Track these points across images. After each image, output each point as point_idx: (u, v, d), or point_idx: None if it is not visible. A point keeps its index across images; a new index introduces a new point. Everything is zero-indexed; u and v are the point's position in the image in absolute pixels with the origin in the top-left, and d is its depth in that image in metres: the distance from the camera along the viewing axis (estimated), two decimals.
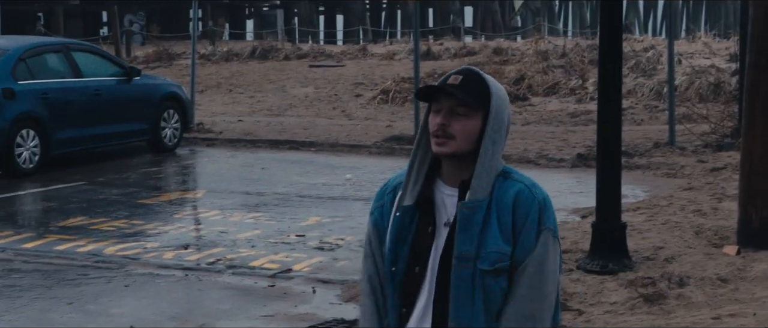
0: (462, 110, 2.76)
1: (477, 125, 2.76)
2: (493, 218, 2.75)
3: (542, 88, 18.43)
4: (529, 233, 2.73)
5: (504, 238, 2.74)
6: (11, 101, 12.26)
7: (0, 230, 9.89)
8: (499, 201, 2.75)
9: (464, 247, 2.75)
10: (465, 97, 2.74)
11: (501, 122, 2.78)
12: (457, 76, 2.80)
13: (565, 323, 6.99)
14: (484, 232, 2.74)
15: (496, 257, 2.74)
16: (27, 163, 12.40)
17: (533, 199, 2.76)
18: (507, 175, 2.80)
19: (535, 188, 2.80)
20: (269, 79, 21.00)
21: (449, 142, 2.75)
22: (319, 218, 10.43)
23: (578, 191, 11.64)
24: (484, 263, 2.74)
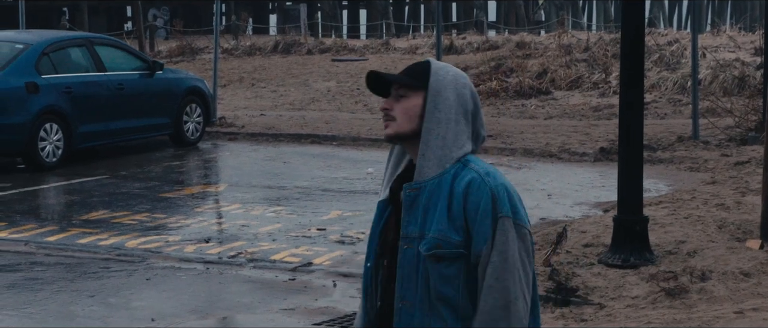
0: (402, 92, 2.77)
1: (418, 104, 2.75)
2: (443, 203, 2.70)
3: (565, 82, 18.35)
4: (483, 222, 2.68)
5: (452, 226, 2.69)
6: (35, 95, 12.33)
7: (23, 223, 9.95)
8: (452, 189, 2.71)
9: (408, 228, 2.73)
10: (398, 77, 2.77)
11: (442, 99, 2.74)
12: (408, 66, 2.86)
13: (585, 318, 6.96)
14: (429, 215, 2.71)
15: (434, 243, 2.70)
16: (50, 157, 12.47)
17: (484, 186, 2.70)
18: (467, 163, 2.76)
19: (488, 176, 2.73)
20: (292, 73, 21.02)
21: (391, 124, 2.77)
22: (340, 211, 10.43)
23: (600, 185, 11.59)
24: (423, 246, 2.71)
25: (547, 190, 11.37)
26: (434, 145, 2.72)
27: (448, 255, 2.70)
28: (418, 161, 2.72)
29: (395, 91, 2.79)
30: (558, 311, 7.12)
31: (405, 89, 2.77)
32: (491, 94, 18.03)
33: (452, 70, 2.80)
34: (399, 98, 2.77)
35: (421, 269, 2.72)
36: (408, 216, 2.72)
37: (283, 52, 23.56)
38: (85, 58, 13.18)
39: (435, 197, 2.71)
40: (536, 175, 12.29)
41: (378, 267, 2.82)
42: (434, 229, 2.70)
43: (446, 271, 2.70)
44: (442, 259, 2.70)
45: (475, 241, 2.69)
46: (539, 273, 7.58)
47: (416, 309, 2.73)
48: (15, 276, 8.22)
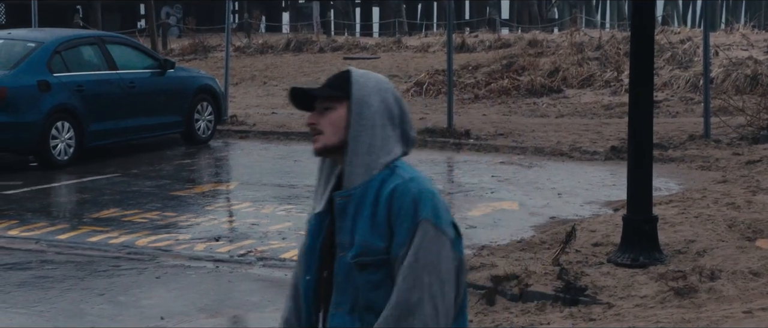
0: (326, 104, 2.77)
1: (343, 115, 2.75)
2: (368, 210, 2.71)
3: (577, 81, 18.31)
4: (402, 225, 2.68)
5: (376, 232, 2.70)
6: (47, 93, 12.37)
7: (34, 221, 10.00)
8: (378, 196, 2.71)
9: (341, 236, 2.74)
10: (321, 90, 2.77)
11: (366, 106, 2.73)
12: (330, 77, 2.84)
13: (594, 317, 6.95)
14: (356, 222, 2.72)
15: (358, 250, 2.70)
16: (62, 155, 12.51)
17: (408, 192, 2.70)
18: (395, 169, 2.75)
19: (412, 182, 2.72)
20: (304, 71, 21.04)
21: (319, 138, 2.77)
22: None
23: (611, 184, 11.57)
24: (349, 254, 2.72)
25: (557, 188, 11.36)
26: (361, 152, 2.72)
27: (373, 262, 2.70)
28: (346, 170, 2.73)
29: (320, 104, 2.78)
30: (566, 311, 7.11)
31: (329, 101, 2.76)
32: (503, 92, 18.01)
33: (373, 77, 2.80)
34: (324, 111, 2.77)
35: (351, 277, 2.73)
36: (340, 224, 2.74)
37: (295, 51, 23.58)
38: (97, 57, 13.22)
39: (362, 204, 2.71)
40: (547, 173, 12.27)
41: (319, 280, 2.80)
42: (359, 236, 2.71)
43: (373, 277, 2.71)
44: (367, 266, 2.71)
45: (394, 244, 2.69)
46: (548, 272, 7.58)
47: (346, 315, 2.74)
48: (25, 274, 8.26)
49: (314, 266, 2.82)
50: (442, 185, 12.02)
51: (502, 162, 13.02)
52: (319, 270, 2.81)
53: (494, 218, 10.08)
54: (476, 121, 15.59)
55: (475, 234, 9.45)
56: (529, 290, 7.41)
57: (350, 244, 2.72)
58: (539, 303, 7.27)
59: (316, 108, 2.80)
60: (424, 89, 18.51)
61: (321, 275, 2.80)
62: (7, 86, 12.04)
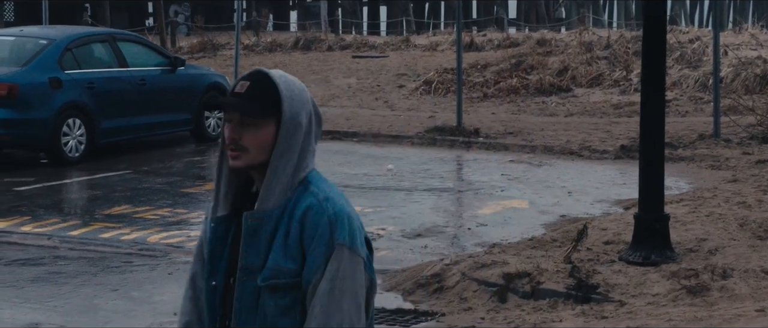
0: (250, 120, 2.58)
1: (270, 133, 2.58)
2: (281, 231, 2.58)
3: (586, 80, 18.30)
4: (316, 249, 2.54)
5: (287, 254, 2.57)
6: (58, 90, 12.42)
7: (46, 217, 10.04)
8: (291, 215, 2.58)
9: (249, 260, 2.59)
10: (250, 108, 2.55)
11: (297, 126, 2.59)
12: (244, 83, 2.60)
13: (606, 314, 6.97)
14: (270, 245, 2.58)
15: (270, 273, 2.57)
16: (73, 152, 12.56)
17: (322, 213, 2.57)
18: (308, 185, 2.62)
19: (327, 202, 2.60)
20: (312, 69, 21.06)
21: (243, 155, 2.58)
22: (361, 207, 10.45)
23: (621, 183, 11.57)
24: (259, 278, 2.58)
25: (567, 187, 11.37)
26: (283, 174, 2.58)
27: (283, 285, 2.58)
28: (263, 191, 2.57)
29: (241, 118, 2.58)
30: (578, 308, 7.13)
31: (254, 119, 2.58)
32: (511, 91, 18.01)
33: (296, 86, 2.62)
34: (247, 127, 2.58)
35: (260, 302, 2.59)
36: (248, 247, 2.59)
37: (303, 49, 23.61)
38: (108, 54, 13.26)
39: (276, 225, 2.58)
40: (557, 172, 12.28)
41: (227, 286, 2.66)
42: (272, 259, 2.58)
43: (282, 302, 2.58)
44: (278, 289, 2.58)
45: (307, 268, 2.56)
46: (560, 270, 7.59)
47: None
48: (39, 270, 8.30)
49: (222, 272, 2.66)
50: (452, 183, 12.05)
51: (511, 160, 13.03)
52: (226, 276, 2.66)
53: (504, 216, 10.10)
54: (485, 120, 15.61)
55: (486, 232, 9.48)
56: (540, 287, 7.44)
57: (260, 267, 2.58)
58: (551, 301, 7.29)
59: (234, 119, 2.59)
60: (433, 88, 18.52)
61: (228, 281, 2.66)
62: (19, 83, 12.09)
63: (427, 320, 7.37)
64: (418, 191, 11.29)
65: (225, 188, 2.68)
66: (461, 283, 7.79)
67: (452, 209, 10.67)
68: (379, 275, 8.31)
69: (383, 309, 7.60)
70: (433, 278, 7.99)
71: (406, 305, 7.71)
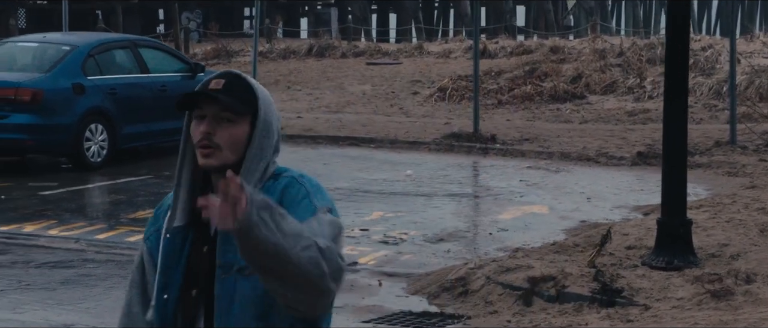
0: (227, 116, 2.55)
1: (244, 132, 2.56)
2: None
3: (600, 87, 18.40)
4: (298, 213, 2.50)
5: None
6: (81, 96, 12.55)
7: (72, 221, 10.16)
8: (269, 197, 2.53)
9: (226, 256, 2.55)
10: (230, 101, 2.54)
11: (269, 126, 2.60)
12: (219, 81, 2.60)
13: (631, 318, 7.07)
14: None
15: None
16: (95, 156, 12.69)
17: (301, 186, 2.59)
18: (277, 176, 2.62)
19: (303, 178, 2.63)
20: (327, 76, 21.19)
21: (216, 152, 2.55)
22: (382, 212, 10.57)
23: (639, 189, 11.68)
24: (235, 267, 2.54)
25: (585, 193, 11.47)
26: (255, 174, 2.57)
27: None
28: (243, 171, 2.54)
29: (218, 112, 2.56)
30: (604, 312, 7.23)
31: (231, 113, 2.56)
32: (526, 98, 18.12)
33: (266, 91, 2.64)
34: (222, 122, 2.55)
35: (238, 295, 2.54)
36: (225, 244, 2.54)
37: (317, 56, 23.74)
38: (129, 60, 13.40)
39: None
40: (574, 178, 12.39)
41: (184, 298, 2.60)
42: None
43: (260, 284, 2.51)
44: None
45: None
46: (584, 274, 7.70)
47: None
48: (68, 272, 8.42)
49: (176, 284, 2.60)
50: (470, 188, 12.16)
51: (529, 167, 13.13)
52: (183, 288, 2.60)
53: (525, 221, 10.20)
54: (501, 127, 15.71)
55: (508, 237, 9.59)
56: (565, 291, 7.54)
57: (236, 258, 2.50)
58: (576, 304, 7.39)
59: (205, 110, 2.56)
60: (448, 95, 18.63)
61: (187, 293, 2.60)
62: (43, 89, 12.23)
63: (453, 323, 7.48)
64: (438, 197, 11.40)
65: (185, 195, 2.63)
66: (486, 286, 7.90)
67: (473, 214, 10.78)
68: (403, 278, 8.47)
69: (410, 312, 7.71)
70: (457, 282, 8.09)
71: (432, 308, 7.82)
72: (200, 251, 2.60)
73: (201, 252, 2.60)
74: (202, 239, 2.60)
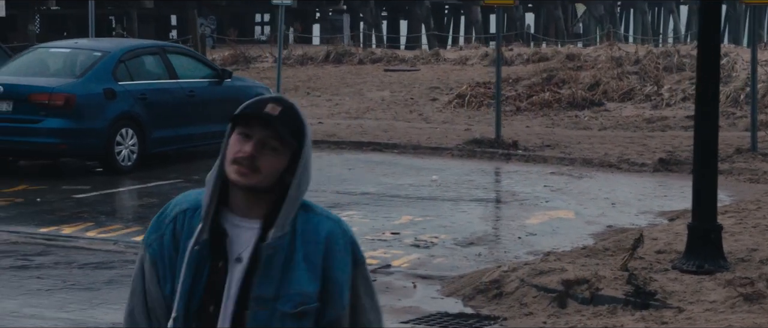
0: (275, 144, 2.58)
1: (284, 162, 2.58)
2: (299, 255, 2.59)
3: (617, 94, 18.59)
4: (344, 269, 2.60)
5: (311, 277, 2.59)
6: (112, 101, 12.76)
7: (109, 223, 10.37)
8: (306, 237, 2.61)
9: (263, 289, 2.57)
10: (284, 131, 2.57)
11: (309, 160, 2.64)
12: (276, 107, 2.60)
13: (666, 320, 7.24)
14: (288, 272, 2.58)
15: (300, 299, 2.58)
16: (126, 160, 12.89)
17: (344, 235, 2.64)
18: (307, 208, 2.65)
19: (342, 223, 2.67)
20: (346, 82, 21.40)
21: (253, 175, 2.56)
22: (411, 217, 10.76)
23: (662, 195, 11.85)
24: (286, 305, 2.58)
25: (610, 199, 11.65)
26: (297, 204, 2.60)
27: (311, 310, 2.59)
28: (280, 219, 2.56)
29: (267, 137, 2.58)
30: (638, 314, 7.40)
31: (279, 143, 2.58)
32: (544, 105, 18.31)
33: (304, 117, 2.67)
34: (266, 148, 2.57)
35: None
36: (264, 277, 2.56)
37: (334, 62, 23.97)
38: (158, 66, 13.61)
39: (290, 250, 2.58)
40: (598, 184, 12.56)
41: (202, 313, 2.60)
42: (295, 284, 2.58)
43: (307, 325, 2.60)
44: (306, 315, 2.59)
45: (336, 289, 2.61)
46: (617, 277, 7.87)
47: None
48: (111, 273, 8.62)
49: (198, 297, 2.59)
50: (496, 193, 12.35)
51: (552, 172, 13.31)
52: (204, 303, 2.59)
53: (552, 226, 10.38)
54: (521, 133, 15.90)
55: (536, 241, 9.77)
56: (599, 293, 7.71)
57: (275, 297, 2.56)
58: (610, 307, 7.56)
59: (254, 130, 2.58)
60: (467, 101, 18.83)
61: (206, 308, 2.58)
62: (75, 94, 12.44)
63: (490, 324, 7.65)
64: (465, 201, 11.58)
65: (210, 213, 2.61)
66: (520, 289, 8.07)
67: (500, 219, 10.96)
68: (436, 280, 8.65)
69: (446, 313, 7.89)
70: (492, 284, 8.27)
71: (468, 309, 7.99)
72: (217, 266, 2.59)
73: (217, 268, 2.59)
74: (219, 254, 2.59)
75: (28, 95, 12.34)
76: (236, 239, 2.59)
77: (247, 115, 2.60)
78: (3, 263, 8.77)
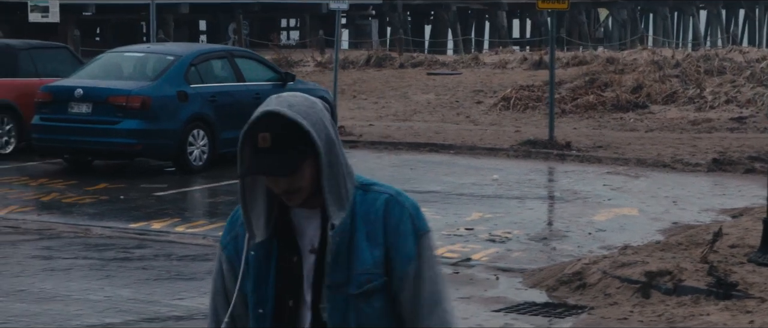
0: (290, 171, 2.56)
1: (314, 164, 2.56)
2: (360, 235, 2.60)
3: (660, 97, 18.96)
4: (405, 241, 2.60)
5: (373, 256, 2.60)
6: (185, 103, 13.22)
7: (194, 219, 10.81)
8: (365, 216, 2.61)
9: (335, 276, 2.60)
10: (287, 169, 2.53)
11: (331, 144, 2.58)
12: (265, 136, 2.54)
13: (750, 309, 7.62)
14: (352, 253, 2.60)
15: (364, 279, 2.60)
16: (197, 160, 13.34)
17: (403, 207, 2.63)
18: (366, 188, 2.65)
19: (400, 195, 2.67)
20: (390, 86, 21.82)
21: (297, 197, 2.58)
22: (481, 213, 11.16)
23: (720, 194, 12.22)
24: (352, 287, 2.60)
25: (670, 197, 12.02)
26: (337, 192, 2.59)
27: (378, 287, 2.61)
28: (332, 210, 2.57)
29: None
30: (721, 304, 7.79)
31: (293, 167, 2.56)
32: (589, 107, 18.69)
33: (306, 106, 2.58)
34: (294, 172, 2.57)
35: (351, 312, 2.61)
36: (335, 263, 2.60)
37: (375, 66, 24.39)
38: (226, 70, 14.05)
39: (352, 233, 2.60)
40: (655, 183, 12.94)
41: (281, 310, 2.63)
42: (359, 265, 2.60)
43: (377, 304, 2.62)
44: (373, 293, 2.61)
45: (399, 260, 2.61)
46: (698, 269, 8.26)
47: None
48: (210, 265, 8.99)
49: (270, 299, 2.63)
50: (558, 192, 12.74)
51: (608, 172, 13.70)
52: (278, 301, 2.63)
53: (619, 222, 10.77)
54: (570, 134, 16.28)
55: (607, 236, 10.16)
56: (682, 284, 8.10)
57: (347, 281, 2.59)
58: (693, 297, 7.94)
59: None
60: (511, 104, 19.22)
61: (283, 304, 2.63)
62: (151, 96, 12.89)
63: (579, 313, 8.04)
64: (529, 199, 11.99)
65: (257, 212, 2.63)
66: (603, 280, 8.46)
67: (567, 216, 11.34)
68: (517, 273, 9.06)
69: (534, 303, 8.28)
70: (574, 276, 8.66)
71: (553, 299, 8.39)
72: (290, 261, 2.62)
73: (291, 262, 2.62)
74: (290, 249, 2.62)
75: (107, 98, 12.81)
76: (305, 230, 2.62)
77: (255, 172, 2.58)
78: (106, 255, 9.22)
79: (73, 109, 12.91)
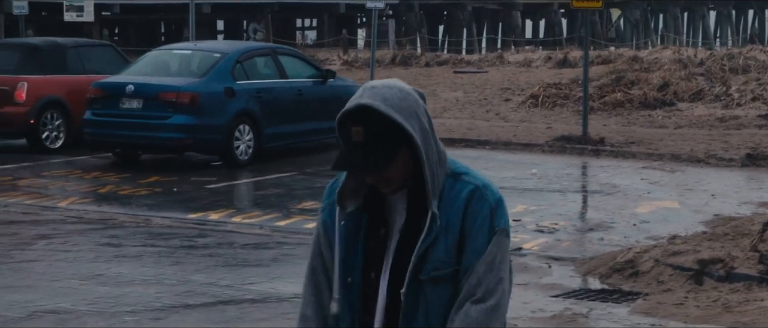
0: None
1: (408, 156, 2.60)
2: (441, 224, 2.63)
3: (687, 95, 19.25)
4: (479, 235, 2.62)
5: (448, 243, 2.63)
6: (231, 99, 13.55)
7: (248, 211, 11.13)
8: (449, 204, 2.64)
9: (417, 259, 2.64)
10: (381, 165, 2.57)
11: (424, 133, 2.61)
12: (358, 130, 2.60)
13: None
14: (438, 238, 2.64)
15: (433, 265, 2.63)
16: (243, 155, 13.67)
17: (485, 201, 2.64)
18: (457, 176, 2.67)
19: (487, 189, 2.67)
20: (419, 84, 22.12)
21: (390, 186, 2.63)
22: (526, 206, 11.46)
23: (757, 187, 12.52)
24: (423, 273, 2.64)
25: (708, 190, 12.32)
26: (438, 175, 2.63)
27: (444, 276, 2.64)
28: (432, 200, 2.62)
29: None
30: None
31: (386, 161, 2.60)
32: (616, 104, 18.99)
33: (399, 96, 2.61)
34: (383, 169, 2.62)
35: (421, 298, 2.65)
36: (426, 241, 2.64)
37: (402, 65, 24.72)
38: (269, 67, 14.39)
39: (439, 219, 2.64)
40: (691, 177, 13.24)
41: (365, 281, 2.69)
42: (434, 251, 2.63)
43: (443, 292, 2.65)
44: (439, 281, 2.65)
45: (469, 253, 2.63)
46: (749, 258, 8.56)
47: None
48: (272, 252, 9.37)
49: (359, 268, 2.69)
50: (597, 186, 13.04)
51: (644, 167, 13.99)
52: (364, 272, 2.69)
53: (661, 215, 11.06)
54: (601, 131, 16.58)
55: (651, 227, 10.46)
56: (734, 271, 8.40)
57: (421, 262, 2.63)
58: (746, 284, 8.24)
59: None
60: (540, 101, 19.53)
61: (368, 277, 2.69)
62: (200, 92, 13.22)
63: (634, 299, 8.34)
64: (570, 192, 12.29)
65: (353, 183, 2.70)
66: (656, 268, 8.76)
67: (610, 208, 11.63)
68: (569, 262, 9.38)
69: (589, 290, 8.59)
70: (627, 264, 8.97)
71: (607, 286, 8.70)
72: (377, 234, 2.67)
73: (378, 235, 2.68)
74: (379, 221, 2.68)
75: (158, 94, 13.14)
76: (394, 207, 2.67)
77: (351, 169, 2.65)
78: (172, 243, 9.55)
79: (124, 105, 13.25)
